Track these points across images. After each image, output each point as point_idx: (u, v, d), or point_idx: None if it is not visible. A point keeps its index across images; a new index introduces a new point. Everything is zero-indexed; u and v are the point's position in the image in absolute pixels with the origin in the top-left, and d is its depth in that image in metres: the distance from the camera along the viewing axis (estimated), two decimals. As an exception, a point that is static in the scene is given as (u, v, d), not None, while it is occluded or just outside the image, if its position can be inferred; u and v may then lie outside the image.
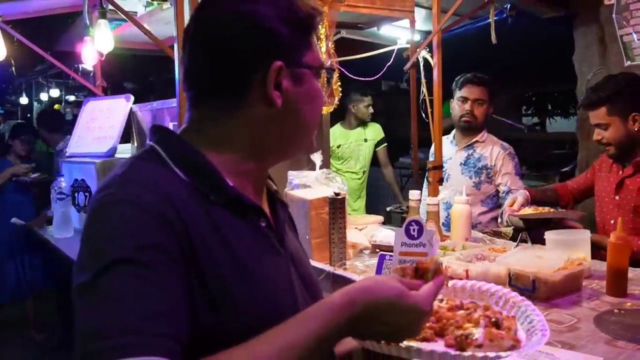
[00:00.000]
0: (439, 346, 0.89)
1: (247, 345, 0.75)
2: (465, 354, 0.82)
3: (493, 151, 3.05)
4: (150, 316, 0.71)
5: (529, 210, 2.25)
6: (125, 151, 3.23)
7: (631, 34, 2.92)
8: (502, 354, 0.82)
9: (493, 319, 0.90)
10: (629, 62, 2.94)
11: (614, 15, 2.98)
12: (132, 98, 3.18)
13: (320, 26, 1.00)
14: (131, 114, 3.22)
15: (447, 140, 3.23)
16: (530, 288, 1.69)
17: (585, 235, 2.02)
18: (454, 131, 3.22)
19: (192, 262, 0.79)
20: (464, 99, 3.06)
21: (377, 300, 0.81)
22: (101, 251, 0.75)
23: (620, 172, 2.47)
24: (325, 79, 1.05)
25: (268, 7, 0.90)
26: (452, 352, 0.83)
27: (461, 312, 0.95)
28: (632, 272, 1.87)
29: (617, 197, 2.47)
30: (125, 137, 3.29)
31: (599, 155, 3.49)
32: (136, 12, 3.13)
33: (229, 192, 0.89)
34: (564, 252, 1.87)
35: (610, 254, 1.79)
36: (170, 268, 0.76)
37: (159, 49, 2.73)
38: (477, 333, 0.86)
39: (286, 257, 0.97)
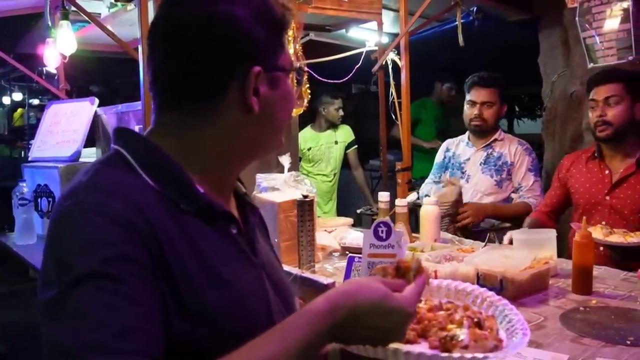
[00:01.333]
0: (422, 348, 0.88)
1: (230, 359, 0.72)
2: (455, 355, 0.81)
3: (511, 148, 3.02)
4: (122, 333, 0.68)
5: (598, 230, 2.22)
6: (90, 155, 3.17)
7: (594, 36, 2.97)
8: (490, 355, 0.82)
9: (475, 319, 0.90)
10: (592, 64, 2.98)
11: (577, 18, 3.02)
12: (97, 101, 3.11)
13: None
14: (96, 117, 3.16)
15: (461, 142, 3.20)
16: (498, 287, 1.70)
17: (551, 234, 2.05)
18: (467, 132, 3.18)
19: (164, 272, 0.77)
20: (473, 103, 3.03)
21: (360, 304, 0.78)
22: (68, 265, 0.72)
23: (608, 172, 2.46)
24: (295, 81, 1.03)
25: (244, 8, 0.86)
26: (442, 354, 0.82)
27: (442, 312, 0.95)
28: (597, 270, 1.90)
29: (608, 198, 2.44)
30: (90, 141, 3.22)
31: (563, 155, 3.56)
32: (99, 14, 3.08)
33: (200, 200, 0.86)
34: (530, 251, 1.89)
35: (575, 253, 1.81)
36: (141, 280, 0.73)
37: (123, 51, 2.68)
38: (462, 334, 0.86)
39: (258, 264, 0.94)
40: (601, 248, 2.29)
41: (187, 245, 0.81)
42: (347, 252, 2.27)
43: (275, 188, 2.27)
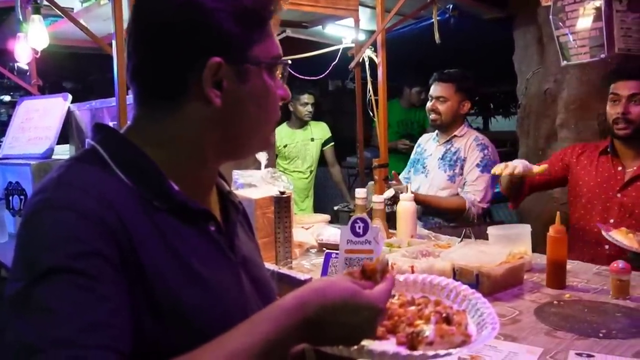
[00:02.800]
0: (391, 344, 0.88)
1: (194, 354, 0.70)
2: (416, 353, 0.81)
3: (468, 143, 3.02)
4: (87, 327, 0.66)
5: (623, 233, 2.07)
6: (63, 152, 3.11)
7: (567, 34, 3.01)
8: (453, 350, 0.82)
9: (444, 315, 0.90)
10: (565, 62, 3.03)
11: (550, 17, 3.06)
12: (70, 97, 3.06)
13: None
14: (69, 113, 3.11)
15: (431, 138, 3.22)
16: (474, 282, 1.72)
17: (525, 229, 2.07)
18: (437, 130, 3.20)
19: (136, 271, 0.75)
20: (430, 97, 3.07)
21: (330, 301, 0.77)
22: (36, 260, 0.70)
23: (621, 168, 2.40)
24: (280, 75, 0.98)
25: None
26: (403, 352, 0.82)
27: (412, 308, 0.94)
28: (570, 265, 1.93)
29: (619, 195, 2.36)
30: (63, 138, 3.17)
31: (538, 152, 3.61)
32: (72, 8, 3.02)
33: (174, 198, 0.84)
34: (505, 246, 1.91)
35: (549, 248, 1.84)
36: (110, 277, 0.71)
37: (97, 46, 2.64)
38: (428, 330, 0.85)
39: (236, 262, 0.93)
40: (606, 246, 2.26)
41: (160, 244, 0.80)
42: (324, 249, 2.27)
43: (252, 185, 2.26)
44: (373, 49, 3.07)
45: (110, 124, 2.75)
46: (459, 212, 2.88)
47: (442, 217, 2.99)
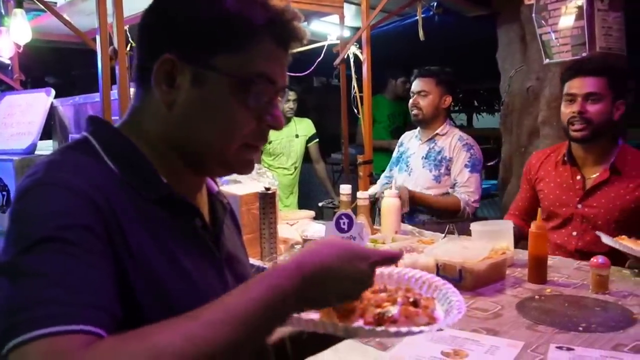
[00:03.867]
0: (359, 324, 0.90)
1: (192, 313, 0.70)
2: (378, 328, 0.84)
3: (451, 143, 3.04)
4: (76, 289, 0.67)
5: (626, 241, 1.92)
6: (46, 148, 3.09)
7: (549, 33, 3.04)
8: (415, 328, 0.84)
9: (412, 299, 0.92)
10: (547, 60, 3.06)
11: (533, 15, 3.09)
12: (53, 92, 3.04)
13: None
14: (52, 108, 3.08)
15: (413, 136, 3.24)
16: (457, 277, 1.74)
17: (508, 225, 2.10)
18: (419, 128, 3.22)
19: (122, 251, 0.76)
20: (412, 94, 3.09)
21: (326, 258, 0.78)
22: (26, 232, 0.71)
23: (580, 177, 2.29)
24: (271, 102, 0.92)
25: None
26: (367, 327, 0.84)
27: (383, 294, 0.96)
28: (552, 260, 1.96)
29: (580, 206, 2.26)
30: (46, 134, 3.14)
31: (520, 149, 3.65)
32: (55, 2, 2.99)
33: (162, 189, 0.85)
34: (488, 242, 1.93)
35: (531, 243, 1.86)
36: (97, 248, 0.72)
37: (80, 41, 2.62)
38: (394, 310, 0.87)
39: (220, 259, 0.94)
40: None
41: (147, 230, 0.81)
42: (309, 245, 2.28)
43: (237, 181, 2.26)
44: (358, 46, 3.09)
45: (95, 118, 2.73)
46: (455, 212, 2.91)
47: (437, 216, 3.01)
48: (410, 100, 3.10)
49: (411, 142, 3.22)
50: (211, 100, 0.85)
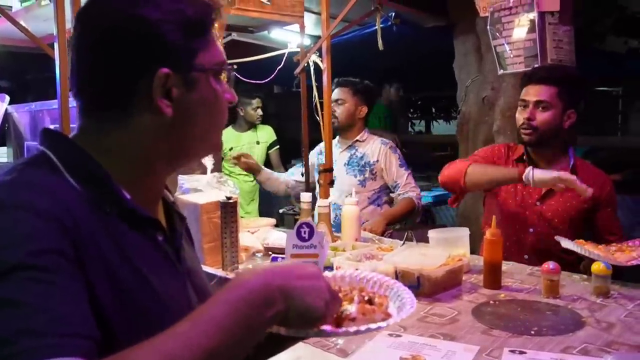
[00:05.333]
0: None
1: (171, 330, 0.71)
2: (340, 330, 0.86)
3: (374, 147, 3.21)
4: (57, 318, 0.67)
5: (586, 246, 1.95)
6: (1, 155, 3.02)
7: (503, 44, 3.14)
8: (373, 326, 0.87)
9: (367, 297, 0.95)
10: (502, 71, 3.15)
11: (488, 27, 3.18)
12: (7, 98, 2.97)
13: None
14: (7, 115, 3.01)
15: (333, 145, 3.30)
16: (416, 284, 1.78)
17: (464, 232, 2.15)
18: (338, 136, 3.36)
19: (91, 270, 0.76)
20: (332, 102, 3.23)
21: (288, 268, 0.83)
22: None
23: None
24: (226, 79, 1.00)
25: (152, 9, 0.85)
26: (329, 329, 0.87)
27: (340, 294, 0.99)
28: (506, 266, 2.02)
29: (538, 204, 2.35)
30: (1, 140, 3.07)
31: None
32: (11, 7, 2.93)
33: (124, 204, 0.85)
34: (445, 249, 1.99)
35: (486, 250, 1.92)
36: (69, 271, 0.72)
37: (37, 46, 2.57)
38: (351, 308, 0.91)
39: (183, 272, 0.95)
40: (525, 256, 2.26)
41: (113, 246, 0.81)
42: (270, 253, 2.30)
43: (198, 189, 2.26)
44: (318, 54, 3.11)
45: (52, 127, 2.68)
46: (413, 212, 3.15)
47: (401, 222, 3.16)
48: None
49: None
50: (205, 98, 0.91)
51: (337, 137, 3.35)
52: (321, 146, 3.43)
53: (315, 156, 3.41)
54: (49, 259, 0.71)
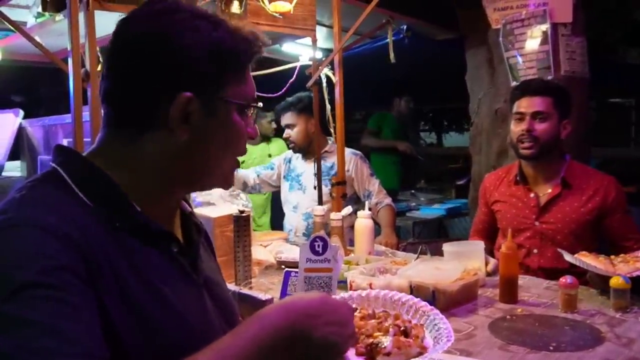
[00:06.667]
0: (350, 354, 0.90)
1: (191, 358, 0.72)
2: None
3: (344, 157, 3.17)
4: (66, 337, 0.67)
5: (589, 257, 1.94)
6: (14, 169, 3.04)
7: (516, 56, 3.13)
8: None
9: (402, 328, 0.93)
10: (514, 83, 3.14)
11: (500, 39, 3.18)
12: (22, 113, 3.00)
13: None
14: (20, 129, 3.04)
15: (298, 156, 3.42)
16: (431, 299, 1.75)
17: (479, 246, 2.13)
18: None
19: (101, 286, 0.76)
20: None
21: (307, 301, 0.81)
22: (6, 278, 0.70)
23: (534, 195, 2.34)
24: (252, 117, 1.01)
25: (189, 33, 0.86)
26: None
27: (372, 321, 0.97)
28: (522, 280, 2.00)
29: (537, 224, 2.32)
30: (14, 154, 3.09)
31: (490, 169, 3.71)
32: (25, 23, 2.96)
33: (136, 218, 0.86)
34: (460, 263, 1.96)
35: (502, 264, 1.90)
36: (79, 288, 0.72)
37: (50, 61, 2.59)
38: (386, 341, 0.88)
39: (199, 283, 0.94)
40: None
41: (124, 262, 0.81)
42: (283, 267, 2.28)
43: (211, 203, 2.26)
44: (330, 68, 3.12)
45: (64, 141, 2.70)
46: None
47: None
48: (284, 134, 3.37)
49: (298, 162, 3.41)
50: (225, 128, 0.92)
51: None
52: (289, 154, 3.51)
53: (284, 162, 3.48)
54: (59, 277, 0.71)
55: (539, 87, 2.33)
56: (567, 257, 1.98)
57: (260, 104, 0.98)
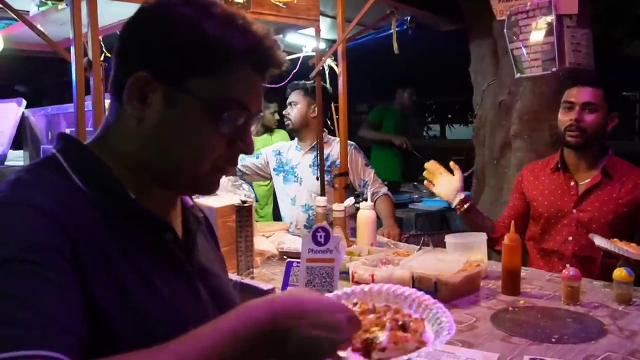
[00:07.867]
0: (345, 351, 0.89)
1: (167, 345, 0.70)
2: None
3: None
4: (43, 311, 0.66)
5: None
6: (17, 158, 3.04)
7: (520, 48, 3.10)
8: (403, 357, 0.83)
9: (400, 322, 0.91)
10: (519, 74, 3.12)
11: (505, 30, 3.15)
12: (24, 102, 2.99)
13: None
14: (23, 119, 3.04)
15: (292, 146, 3.39)
16: (433, 290, 1.75)
17: (481, 237, 2.12)
18: (296, 139, 3.41)
19: (89, 270, 0.75)
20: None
21: (299, 297, 0.80)
22: None
23: (574, 183, 2.34)
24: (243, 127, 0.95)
25: (171, 16, 0.85)
26: (356, 359, 0.83)
27: (371, 315, 0.96)
28: (524, 272, 1.99)
29: (575, 211, 2.31)
30: (17, 144, 3.10)
31: (493, 161, 3.70)
32: (28, 11, 2.95)
33: (130, 205, 0.86)
34: (462, 254, 1.96)
35: (504, 256, 1.89)
36: (60, 266, 0.72)
37: (53, 50, 2.58)
38: (382, 336, 0.87)
39: (192, 272, 0.94)
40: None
41: (115, 247, 0.81)
42: (285, 257, 2.28)
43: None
44: (334, 58, 3.10)
45: (67, 130, 2.69)
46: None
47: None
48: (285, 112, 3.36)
49: (291, 153, 3.37)
50: (182, 122, 0.86)
51: (296, 139, 3.41)
52: (278, 146, 3.48)
53: (273, 154, 3.43)
54: (42, 254, 0.71)
55: (591, 78, 2.34)
56: (598, 240, 1.96)
57: (261, 114, 0.93)
